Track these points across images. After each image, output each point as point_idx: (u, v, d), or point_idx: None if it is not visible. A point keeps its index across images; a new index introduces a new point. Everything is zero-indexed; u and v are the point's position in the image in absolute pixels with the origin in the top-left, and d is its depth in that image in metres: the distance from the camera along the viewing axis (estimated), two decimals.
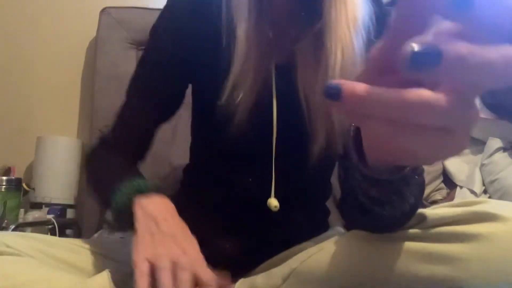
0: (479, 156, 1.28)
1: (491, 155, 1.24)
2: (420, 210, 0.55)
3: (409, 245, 0.53)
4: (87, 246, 0.74)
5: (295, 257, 0.65)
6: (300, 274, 0.63)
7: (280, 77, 0.71)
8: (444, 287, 0.49)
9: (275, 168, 0.71)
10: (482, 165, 1.25)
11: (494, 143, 1.24)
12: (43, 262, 0.64)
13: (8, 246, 0.62)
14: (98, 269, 0.68)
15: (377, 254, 0.55)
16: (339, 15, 0.64)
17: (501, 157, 1.22)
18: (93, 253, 0.74)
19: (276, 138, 0.71)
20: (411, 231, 0.55)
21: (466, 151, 1.32)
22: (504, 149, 1.24)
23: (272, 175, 0.71)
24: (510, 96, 1.18)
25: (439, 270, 0.50)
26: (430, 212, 0.55)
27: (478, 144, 1.29)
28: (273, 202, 0.71)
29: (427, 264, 0.51)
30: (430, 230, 0.53)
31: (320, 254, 0.62)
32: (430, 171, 1.28)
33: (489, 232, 0.49)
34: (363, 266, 0.56)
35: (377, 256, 0.55)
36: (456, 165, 1.30)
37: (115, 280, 0.61)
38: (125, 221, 0.64)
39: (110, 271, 0.61)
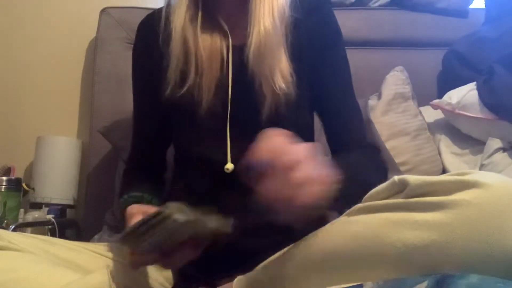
0: (479, 156, 1.28)
1: (490, 155, 1.24)
2: (403, 177, 0.57)
3: (395, 215, 0.55)
4: (88, 247, 0.75)
5: (291, 246, 0.66)
6: (297, 259, 0.63)
7: (235, 56, 0.83)
8: (430, 252, 0.51)
9: (230, 135, 0.81)
10: (482, 165, 1.25)
11: (494, 143, 1.24)
12: (44, 259, 0.64)
13: (10, 242, 0.63)
14: (100, 268, 0.68)
15: (366, 228, 0.57)
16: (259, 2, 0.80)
17: (501, 157, 1.22)
18: (94, 253, 0.74)
19: (232, 107, 0.82)
20: (397, 201, 0.56)
21: (466, 151, 1.32)
22: (504, 150, 1.23)
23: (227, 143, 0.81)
24: (510, 96, 1.18)
25: (426, 235, 0.51)
26: (414, 177, 0.56)
27: (478, 144, 1.29)
28: (229, 166, 0.80)
29: (413, 231, 0.52)
30: (415, 199, 0.54)
31: (316, 237, 0.63)
32: (429, 171, 1.28)
33: (473, 197, 0.50)
34: (356, 243, 0.57)
35: (367, 230, 0.56)
36: (456, 165, 1.30)
37: (117, 280, 0.61)
38: None
39: (110, 268, 0.61)
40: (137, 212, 0.71)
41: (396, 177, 0.58)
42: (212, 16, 0.84)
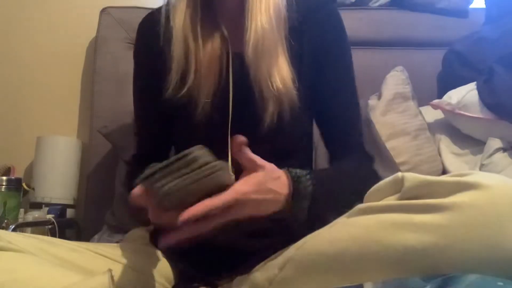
0: (479, 156, 1.28)
1: (490, 155, 1.24)
2: (406, 174, 0.57)
3: (395, 217, 0.54)
4: (88, 247, 0.75)
5: (290, 247, 0.66)
6: (297, 261, 0.63)
7: (237, 63, 0.81)
8: (430, 255, 0.51)
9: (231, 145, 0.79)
10: (482, 165, 1.25)
11: (494, 143, 1.24)
12: (44, 260, 0.64)
13: (10, 243, 0.62)
14: (100, 268, 0.68)
15: (366, 230, 0.56)
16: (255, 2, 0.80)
17: (501, 157, 1.22)
18: (95, 253, 0.74)
19: (232, 115, 0.81)
20: (397, 203, 0.56)
21: (466, 151, 1.32)
22: (504, 149, 1.23)
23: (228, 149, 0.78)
24: (510, 96, 1.18)
25: (426, 238, 0.51)
26: (413, 176, 0.56)
27: (478, 144, 1.29)
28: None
29: (413, 233, 0.52)
30: (414, 201, 0.54)
31: (315, 239, 0.63)
32: (429, 171, 1.28)
33: (472, 199, 0.50)
34: (356, 245, 0.57)
35: (367, 233, 0.56)
36: (456, 165, 1.30)
37: (117, 280, 0.61)
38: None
39: (111, 270, 0.61)
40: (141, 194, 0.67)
41: (400, 174, 0.58)
42: (213, 18, 0.83)
